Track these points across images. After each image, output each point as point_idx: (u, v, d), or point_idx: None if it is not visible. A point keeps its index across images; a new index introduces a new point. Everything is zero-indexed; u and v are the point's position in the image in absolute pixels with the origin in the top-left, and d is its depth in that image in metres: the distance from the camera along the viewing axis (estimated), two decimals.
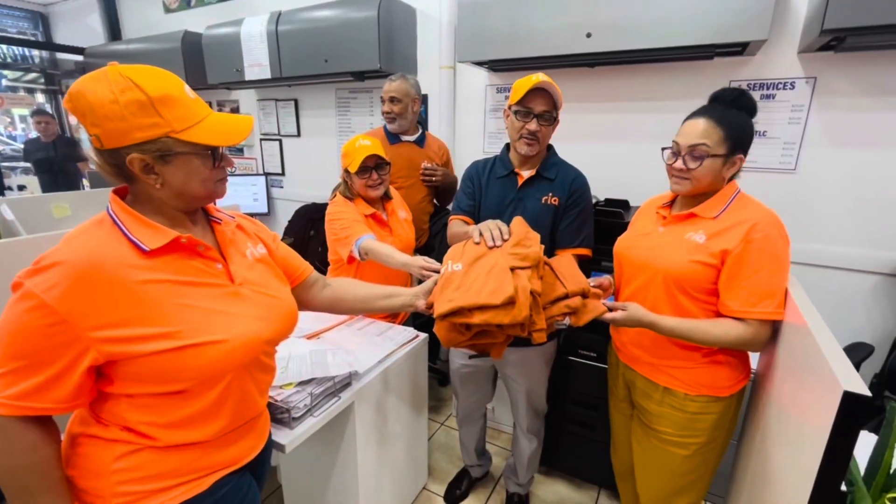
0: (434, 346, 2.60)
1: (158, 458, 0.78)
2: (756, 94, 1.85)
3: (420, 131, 2.22)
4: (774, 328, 1.06)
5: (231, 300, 0.82)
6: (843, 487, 0.77)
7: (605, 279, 1.28)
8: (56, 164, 4.07)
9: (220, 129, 0.77)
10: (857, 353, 1.63)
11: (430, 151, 2.22)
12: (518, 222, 1.20)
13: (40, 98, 5.37)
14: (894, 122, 1.66)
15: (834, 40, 1.54)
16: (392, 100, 2.08)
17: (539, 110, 1.32)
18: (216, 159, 0.80)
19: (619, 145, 2.17)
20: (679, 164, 1.10)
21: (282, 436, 1.12)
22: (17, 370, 0.67)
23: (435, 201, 2.38)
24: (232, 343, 0.77)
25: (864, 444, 0.77)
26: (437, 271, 1.20)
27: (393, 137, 2.15)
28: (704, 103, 1.15)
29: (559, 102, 1.33)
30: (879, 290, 1.79)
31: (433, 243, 2.39)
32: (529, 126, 1.34)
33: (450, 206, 2.33)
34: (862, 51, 1.64)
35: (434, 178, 2.17)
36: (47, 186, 3.99)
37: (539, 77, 1.29)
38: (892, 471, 0.76)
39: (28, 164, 4.25)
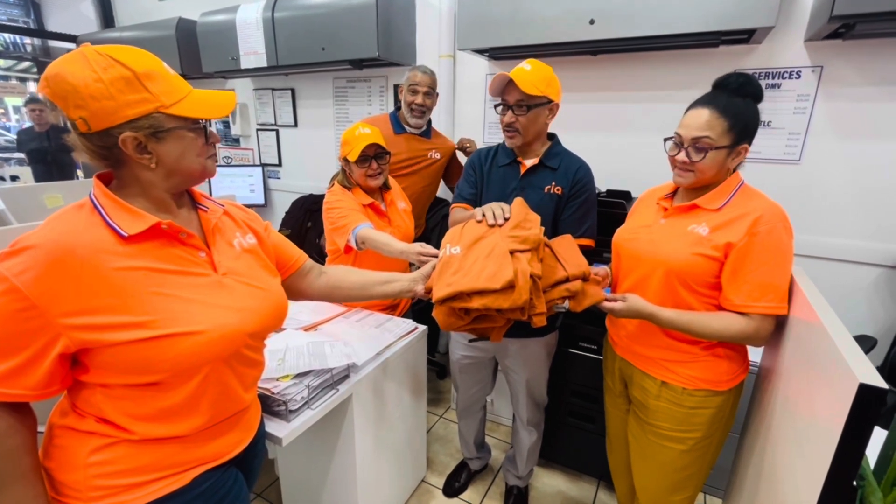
0: (433, 338, 2.59)
1: (135, 451, 0.76)
2: (761, 84, 1.81)
3: (427, 124, 2.19)
4: (778, 322, 1.04)
5: (213, 290, 0.79)
6: (854, 482, 0.75)
7: (602, 269, 1.26)
8: (50, 155, 4.02)
9: (207, 102, 0.76)
10: (860, 345, 1.62)
11: (434, 145, 2.19)
12: (518, 203, 1.18)
13: (33, 87, 5.29)
14: None
15: (842, 27, 1.51)
16: (427, 93, 2.04)
17: (512, 101, 1.31)
18: (207, 135, 0.78)
19: (622, 135, 2.13)
20: (682, 156, 1.06)
21: (278, 429, 1.10)
22: None
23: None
24: (209, 334, 0.75)
25: (872, 439, 0.75)
26: (436, 257, 1.17)
27: (399, 126, 2.11)
28: (709, 91, 1.12)
29: (533, 88, 1.26)
30: (882, 282, 1.78)
31: (430, 237, 2.37)
32: (504, 118, 1.34)
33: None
34: (870, 38, 1.61)
35: (468, 147, 2.23)
36: (41, 177, 3.94)
37: (519, 66, 1.28)
38: None
39: (21, 155, 4.20)
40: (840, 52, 1.68)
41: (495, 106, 1.37)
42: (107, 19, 3.94)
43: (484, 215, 1.15)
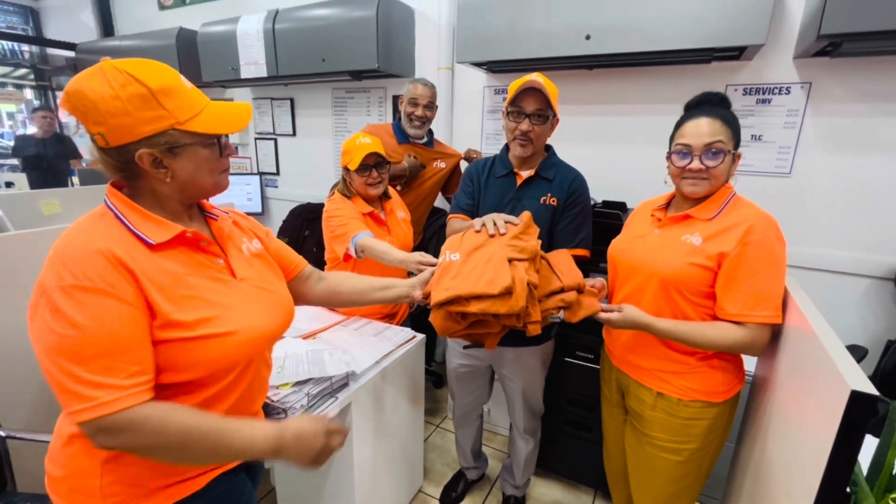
0: (430, 347, 2.59)
1: None
2: (752, 99, 1.87)
3: (429, 134, 2.22)
4: (774, 332, 1.06)
5: (235, 295, 0.81)
6: (847, 489, 0.76)
7: (598, 281, 1.27)
8: (46, 162, 4.00)
9: (223, 117, 0.77)
10: (851, 355, 1.65)
11: (438, 155, 2.22)
12: (526, 216, 1.19)
13: (30, 94, 5.29)
14: (887, 128, 1.68)
15: (829, 46, 1.56)
16: (427, 106, 2.07)
17: (530, 110, 1.32)
18: (221, 149, 0.80)
19: (617, 147, 2.17)
20: (696, 164, 1.07)
21: None
22: (112, 359, 0.66)
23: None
24: (240, 336, 0.77)
25: (864, 447, 0.77)
26: (435, 265, 1.19)
27: (402, 136, 2.14)
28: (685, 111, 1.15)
29: (553, 100, 1.31)
30: (872, 293, 1.81)
31: (427, 246, 2.38)
32: (521, 126, 1.34)
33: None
34: (856, 56, 1.66)
35: (474, 158, 2.24)
36: (36, 184, 3.92)
37: (530, 76, 1.29)
38: (894, 471, 0.76)
39: (15, 161, 4.18)
40: (828, 69, 1.73)
41: (509, 113, 1.36)
42: (106, 28, 3.96)
43: (483, 225, 1.17)
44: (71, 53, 3.96)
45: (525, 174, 1.43)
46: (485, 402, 1.81)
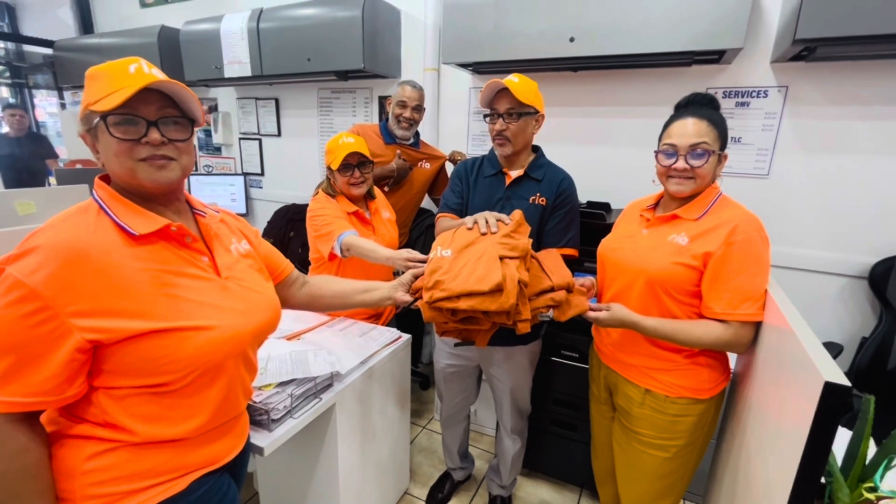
0: (416, 347, 2.58)
1: (134, 457, 0.74)
2: (731, 102, 1.91)
3: (416, 135, 2.22)
4: (756, 329, 1.08)
5: (218, 293, 0.80)
6: (822, 480, 0.78)
7: (588, 280, 1.29)
8: (22, 161, 3.89)
9: (120, 92, 0.69)
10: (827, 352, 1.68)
11: (424, 155, 2.22)
12: (518, 214, 1.20)
13: (5, 92, 5.13)
14: (861, 130, 1.73)
15: (805, 50, 1.60)
16: (416, 108, 2.07)
17: (503, 109, 1.34)
18: (136, 131, 0.71)
19: (601, 149, 2.20)
20: (681, 164, 1.09)
21: (260, 438, 1.08)
22: (4, 365, 0.63)
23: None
24: (221, 333, 0.76)
25: (838, 439, 0.79)
26: (423, 262, 1.19)
27: (389, 137, 2.13)
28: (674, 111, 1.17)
29: (524, 98, 1.31)
30: (847, 291, 1.86)
31: (414, 246, 2.38)
32: (496, 126, 1.37)
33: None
34: (831, 61, 1.71)
35: (458, 160, 2.23)
36: (11, 184, 3.81)
37: (496, 79, 1.32)
38: (867, 462, 0.78)
39: None
40: (803, 73, 1.77)
41: (485, 116, 1.39)
42: (85, 25, 3.87)
43: (475, 223, 1.18)
44: (48, 51, 3.86)
45: (514, 174, 1.44)
46: (472, 402, 1.81)
